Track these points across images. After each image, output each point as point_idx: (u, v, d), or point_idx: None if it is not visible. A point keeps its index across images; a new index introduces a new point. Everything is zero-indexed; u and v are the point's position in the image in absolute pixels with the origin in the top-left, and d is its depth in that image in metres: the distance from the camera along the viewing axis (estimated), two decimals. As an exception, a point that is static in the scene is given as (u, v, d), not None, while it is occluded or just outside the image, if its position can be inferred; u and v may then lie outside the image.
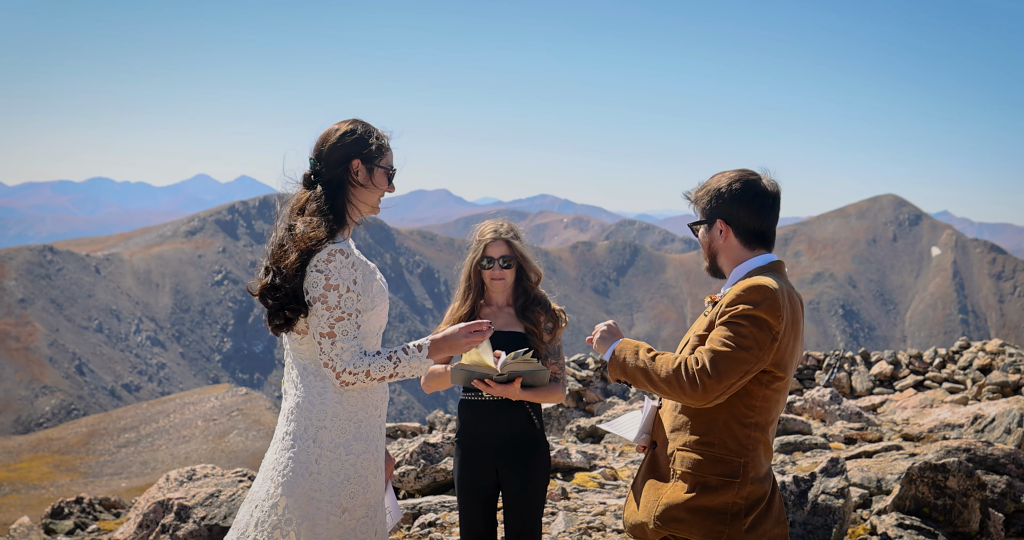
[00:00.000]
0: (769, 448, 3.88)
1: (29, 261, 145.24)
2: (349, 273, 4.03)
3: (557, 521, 8.64)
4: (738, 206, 3.93)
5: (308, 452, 4.05)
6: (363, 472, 4.14)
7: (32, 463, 59.56)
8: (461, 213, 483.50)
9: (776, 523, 3.84)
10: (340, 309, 4.01)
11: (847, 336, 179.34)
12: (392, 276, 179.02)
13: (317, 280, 4.01)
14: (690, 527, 3.76)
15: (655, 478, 3.93)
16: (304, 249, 4.02)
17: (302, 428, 4.08)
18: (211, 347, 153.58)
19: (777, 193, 3.99)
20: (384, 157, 4.28)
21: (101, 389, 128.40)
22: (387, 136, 4.34)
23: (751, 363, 3.69)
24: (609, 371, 3.98)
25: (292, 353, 4.22)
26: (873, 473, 8.74)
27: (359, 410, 4.14)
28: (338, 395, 4.09)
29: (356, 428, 4.13)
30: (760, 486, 3.81)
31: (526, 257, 5.21)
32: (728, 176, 3.98)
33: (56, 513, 14.25)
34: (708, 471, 3.78)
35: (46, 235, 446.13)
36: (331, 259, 4.01)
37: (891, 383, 18.26)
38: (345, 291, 4.02)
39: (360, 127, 4.27)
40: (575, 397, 16.36)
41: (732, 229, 3.95)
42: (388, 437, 15.24)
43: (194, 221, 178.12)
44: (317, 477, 4.04)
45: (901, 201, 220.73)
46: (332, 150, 4.22)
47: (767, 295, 3.72)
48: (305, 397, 4.11)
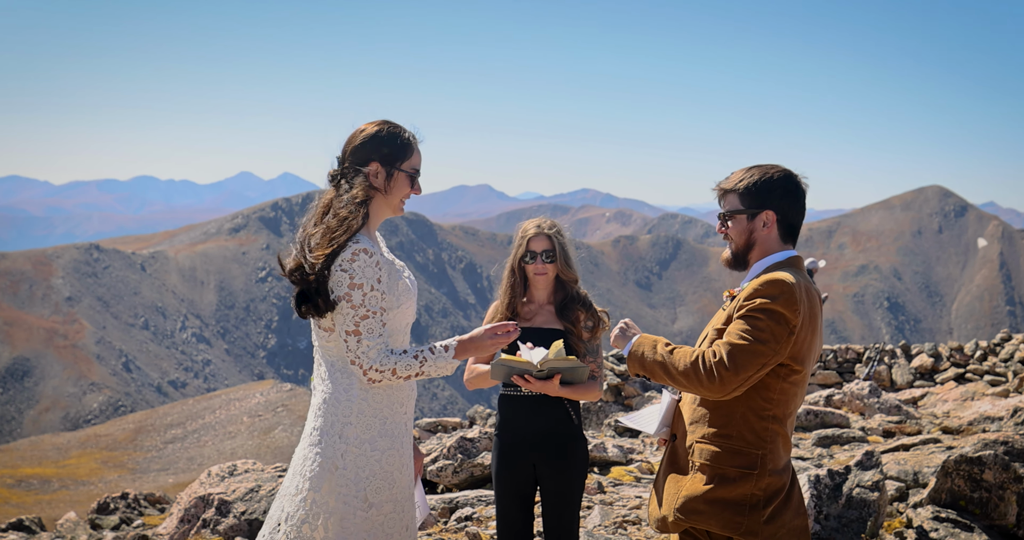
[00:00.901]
0: (788, 441, 3.91)
1: (76, 259, 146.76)
2: (373, 272, 4.07)
3: (593, 515, 8.68)
4: (790, 199, 4.00)
5: (334, 447, 4.11)
6: (388, 468, 4.18)
7: (80, 459, 60.17)
8: (503, 208, 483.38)
9: (795, 515, 3.87)
10: (365, 307, 4.06)
11: (892, 329, 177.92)
12: (434, 271, 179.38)
13: (342, 279, 4.06)
14: (709, 518, 3.80)
15: (675, 471, 3.97)
16: (329, 252, 4.07)
17: (329, 424, 4.14)
18: (255, 343, 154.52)
19: (806, 192, 4.09)
20: (407, 160, 4.29)
21: (148, 386, 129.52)
22: (415, 138, 4.34)
23: (768, 356, 3.73)
24: (628, 366, 4.02)
25: (320, 350, 4.28)
26: (910, 466, 8.72)
27: (385, 407, 4.19)
28: (364, 392, 4.15)
29: (382, 425, 4.18)
30: (779, 478, 3.84)
31: (568, 255, 5.25)
32: (776, 169, 4.04)
33: (102, 509, 14.44)
34: (726, 463, 3.82)
35: (92, 233, 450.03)
36: (355, 259, 4.05)
37: (932, 376, 18.15)
38: (369, 290, 4.06)
39: (385, 129, 4.28)
40: (614, 391, 16.36)
41: (778, 221, 4.01)
42: (428, 432, 15.29)
43: (238, 218, 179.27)
44: (343, 472, 4.09)
45: (946, 192, 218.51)
46: (354, 151, 4.27)
47: (784, 289, 3.76)
48: (332, 393, 4.17)
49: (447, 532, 8.47)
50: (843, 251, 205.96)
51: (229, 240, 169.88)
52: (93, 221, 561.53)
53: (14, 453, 63.04)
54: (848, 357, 18.94)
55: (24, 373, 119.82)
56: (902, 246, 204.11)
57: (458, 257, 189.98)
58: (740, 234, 4.05)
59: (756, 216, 4.01)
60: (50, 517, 28.25)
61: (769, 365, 3.76)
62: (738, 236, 4.06)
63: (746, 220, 4.03)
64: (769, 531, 3.79)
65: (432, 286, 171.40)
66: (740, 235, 4.05)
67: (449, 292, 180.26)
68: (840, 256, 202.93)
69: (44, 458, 60.62)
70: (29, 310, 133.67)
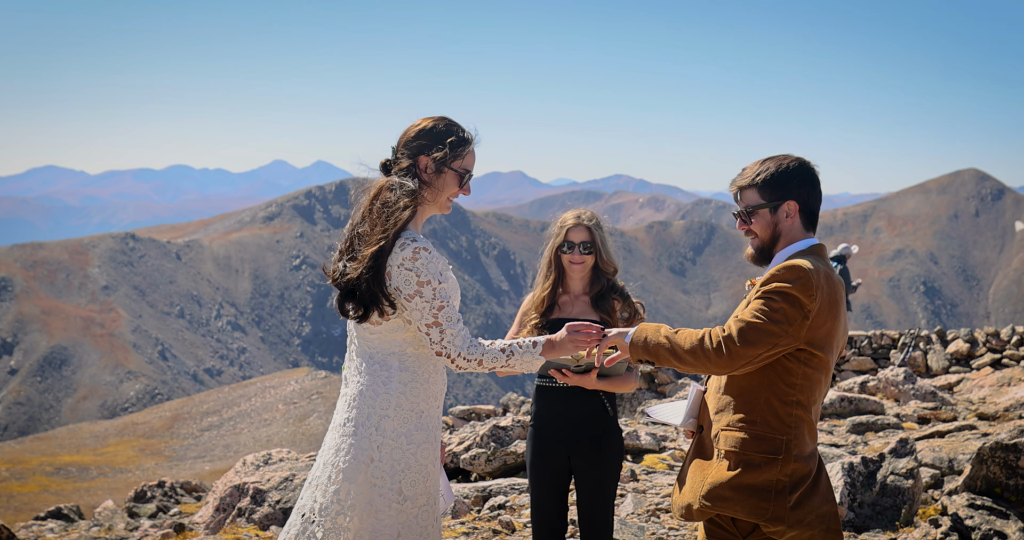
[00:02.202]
0: (813, 428, 3.91)
1: (112, 248, 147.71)
2: (436, 266, 4.11)
3: (626, 503, 8.69)
4: (807, 187, 4.01)
5: (370, 439, 4.13)
6: (423, 461, 4.21)
7: (118, 447, 60.66)
8: (536, 195, 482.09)
9: (823, 501, 3.86)
10: (439, 299, 4.10)
11: (928, 313, 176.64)
12: (468, 258, 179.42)
13: (409, 278, 4.09)
14: (735, 505, 3.80)
15: (700, 455, 3.98)
16: (377, 249, 4.10)
17: (364, 416, 4.16)
18: (290, 331, 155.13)
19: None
20: (460, 159, 4.30)
21: (184, 374, 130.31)
22: (471, 138, 4.35)
23: (779, 337, 3.75)
24: (631, 352, 4.01)
25: (359, 341, 4.29)
26: (945, 453, 8.68)
27: (421, 401, 4.22)
28: (402, 385, 4.17)
29: (418, 419, 4.20)
30: (805, 464, 3.84)
31: (606, 246, 5.28)
32: (790, 159, 4.05)
33: (139, 497, 14.57)
34: (751, 449, 3.82)
35: (128, 223, 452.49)
36: (416, 257, 4.09)
37: (968, 362, 18.04)
38: (437, 284, 4.10)
39: (442, 125, 4.30)
40: (647, 379, 16.36)
41: (800, 210, 4.02)
42: (461, 419, 15.35)
43: (272, 207, 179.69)
44: (379, 465, 4.12)
45: (983, 175, 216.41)
46: (407, 144, 4.29)
47: (801, 274, 3.78)
48: (369, 385, 4.19)
49: (480, 520, 8.49)
50: (879, 235, 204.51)
51: (263, 228, 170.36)
52: (128, 210, 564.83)
53: (52, 441, 63.64)
54: (883, 343, 18.85)
55: (62, 362, 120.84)
56: (938, 230, 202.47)
57: (491, 244, 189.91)
58: (765, 228, 4.05)
59: (779, 208, 4.02)
60: (88, 504, 28.50)
61: (780, 346, 3.78)
62: (763, 230, 4.06)
63: (769, 213, 4.04)
64: (796, 517, 3.78)
65: (466, 273, 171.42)
66: (765, 229, 4.05)
67: (483, 279, 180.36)
68: (876, 240, 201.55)
69: (82, 446, 61.17)
70: (66, 299, 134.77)
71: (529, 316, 5.30)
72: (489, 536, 7.98)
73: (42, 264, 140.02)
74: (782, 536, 3.81)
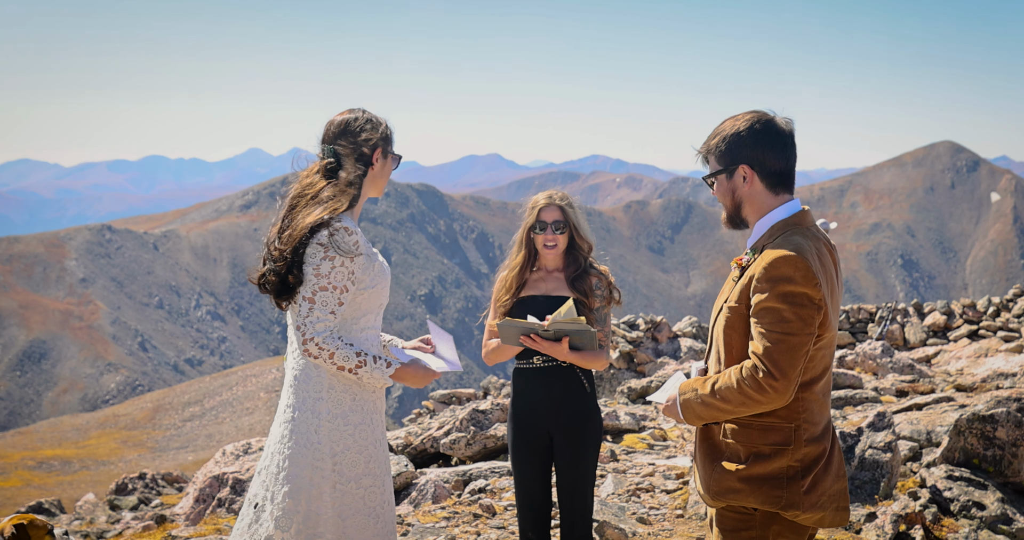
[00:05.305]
0: (821, 402, 3.72)
1: (89, 241, 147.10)
2: (348, 249, 4.16)
3: (606, 483, 8.68)
4: (762, 147, 3.71)
5: (308, 423, 4.19)
6: (362, 442, 4.27)
7: (100, 439, 60.56)
8: (513, 177, 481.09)
9: (835, 479, 3.71)
10: (328, 279, 4.15)
11: (907, 286, 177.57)
12: (447, 242, 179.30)
13: (316, 251, 4.17)
14: (747, 496, 3.67)
15: (709, 448, 3.81)
16: (309, 224, 4.17)
17: (300, 400, 4.22)
18: (270, 319, 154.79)
19: (792, 131, 3.77)
20: (392, 144, 4.49)
21: (164, 364, 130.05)
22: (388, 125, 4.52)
23: (806, 344, 3.53)
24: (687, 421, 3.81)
25: (291, 326, 4.35)
26: (923, 426, 8.69)
27: (354, 382, 4.27)
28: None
29: (352, 400, 4.27)
30: (817, 445, 3.68)
31: (579, 225, 5.27)
32: (744, 118, 3.76)
33: (120, 489, 14.53)
34: (759, 441, 3.66)
35: (104, 214, 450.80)
36: (334, 234, 4.16)
37: (945, 334, 18.11)
38: (339, 265, 4.16)
39: (372, 115, 4.43)
40: (626, 358, 16.33)
41: (757, 173, 3.74)
42: (442, 404, 15.32)
43: (248, 195, 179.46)
44: (318, 447, 4.18)
45: (958, 147, 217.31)
46: (354, 138, 4.38)
47: (798, 266, 3.54)
48: (303, 369, 4.25)
49: (460, 504, 8.48)
50: (855, 210, 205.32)
51: (240, 217, 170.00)
52: (104, 202, 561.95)
53: (34, 435, 63.49)
54: (861, 317, 18.91)
55: (41, 355, 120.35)
56: (915, 203, 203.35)
57: (470, 227, 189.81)
58: (725, 195, 3.82)
59: (734, 173, 3.77)
60: (72, 498, 28.44)
61: (810, 349, 3.57)
62: (723, 197, 3.83)
63: (725, 179, 3.80)
64: (810, 501, 3.65)
65: (444, 257, 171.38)
66: (725, 196, 3.82)
67: (462, 262, 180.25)
68: (853, 215, 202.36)
69: (64, 439, 61.04)
70: (44, 293, 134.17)
71: (501, 300, 5.29)
72: (470, 520, 7.97)
73: (18, 258, 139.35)
74: (796, 519, 3.68)
